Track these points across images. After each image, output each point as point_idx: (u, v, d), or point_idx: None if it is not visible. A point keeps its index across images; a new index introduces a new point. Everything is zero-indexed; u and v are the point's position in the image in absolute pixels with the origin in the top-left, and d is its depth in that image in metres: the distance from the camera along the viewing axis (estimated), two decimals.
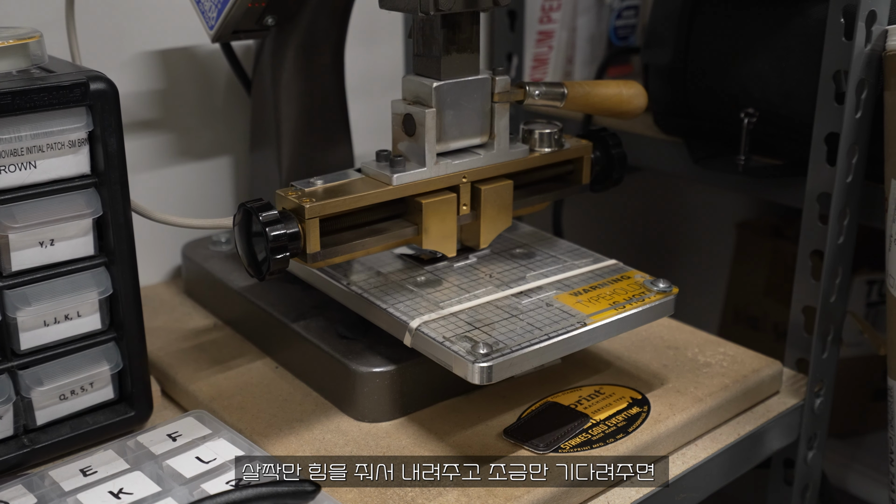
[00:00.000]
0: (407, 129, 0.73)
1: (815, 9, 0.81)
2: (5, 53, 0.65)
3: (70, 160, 0.66)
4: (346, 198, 0.69)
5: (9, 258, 0.65)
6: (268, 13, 0.80)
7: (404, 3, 0.69)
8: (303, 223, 0.67)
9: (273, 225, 0.65)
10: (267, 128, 0.86)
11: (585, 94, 0.79)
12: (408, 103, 0.73)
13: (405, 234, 0.73)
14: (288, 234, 0.66)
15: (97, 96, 0.65)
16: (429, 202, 0.73)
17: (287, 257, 0.66)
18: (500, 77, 0.74)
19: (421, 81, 0.72)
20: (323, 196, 0.69)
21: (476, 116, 0.75)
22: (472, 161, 0.75)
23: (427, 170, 0.72)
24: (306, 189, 0.70)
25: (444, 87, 0.72)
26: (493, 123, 0.75)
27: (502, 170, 0.76)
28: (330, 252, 0.69)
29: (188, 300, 0.93)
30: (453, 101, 0.72)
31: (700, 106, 0.94)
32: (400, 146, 0.75)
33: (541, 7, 1.18)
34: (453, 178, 0.74)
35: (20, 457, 0.67)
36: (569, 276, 0.76)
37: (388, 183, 0.71)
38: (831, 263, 0.79)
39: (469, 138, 0.75)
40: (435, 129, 0.72)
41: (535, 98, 0.76)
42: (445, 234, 0.74)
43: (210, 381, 0.78)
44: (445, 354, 0.66)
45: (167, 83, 0.94)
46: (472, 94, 0.73)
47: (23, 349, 0.67)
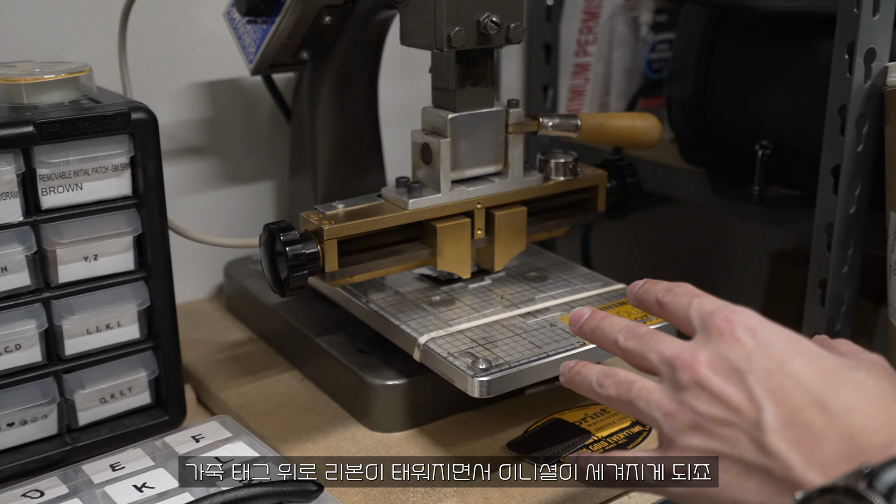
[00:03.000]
0: (424, 158, 0.78)
1: (824, 45, 0.84)
2: (58, 85, 0.72)
3: (113, 183, 0.72)
4: (363, 220, 0.74)
5: (56, 271, 0.71)
6: (303, 48, 0.86)
7: (421, 40, 0.74)
8: (322, 244, 0.72)
9: (293, 245, 0.70)
10: (304, 155, 0.92)
11: (599, 125, 0.83)
12: (425, 133, 0.78)
13: (421, 256, 0.78)
14: (307, 254, 0.71)
15: (138, 125, 0.71)
16: (443, 226, 0.77)
17: (306, 275, 0.71)
18: (513, 109, 0.79)
19: (438, 113, 0.77)
20: (342, 219, 0.74)
21: (490, 146, 0.79)
22: (487, 188, 0.79)
23: (442, 196, 0.77)
24: (328, 212, 0.75)
25: (459, 118, 0.76)
26: (507, 153, 0.80)
27: (516, 197, 0.81)
28: (348, 271, 0.74)
29: (228, 315, 0.99)
30: (468, 131, 0.77)
31: (719, 137, 0.97)
32: (418, 173, 0.79)
33: (577, 41, 1.22)
34: (468, 204, 0.78)
35: (62, 454, 0.73)
36: (576, 298, 0.80)
37: (405, 207, 0.76)
38: (835, 292, 0.81)
39: (484, 167, 0.79)
40: (450, 158, 0.77)
41: (548, 129, 0.81)
42: (460, 257, 0.79)
43: (240, 389, 0.83)
44: (449, 369, 0.70)
45: (214, 112, 1.00)
46: (486, 125, 0.78)
47: (67, 355, 0.73)
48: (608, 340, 0.57)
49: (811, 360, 0.47)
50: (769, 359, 0.48)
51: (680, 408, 0.50)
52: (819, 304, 0.83)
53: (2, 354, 0.70)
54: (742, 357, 0.48)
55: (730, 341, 0.49)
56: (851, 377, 0.47)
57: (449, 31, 0.71)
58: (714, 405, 0.48)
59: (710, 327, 0.50)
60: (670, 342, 0.52)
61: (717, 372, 0.48)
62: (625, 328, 0.56)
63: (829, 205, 0.81)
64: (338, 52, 0.86)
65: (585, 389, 0.57)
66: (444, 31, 0.71)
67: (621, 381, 0.54)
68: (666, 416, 0.51)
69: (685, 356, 0.50)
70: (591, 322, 0.59)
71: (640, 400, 0.52)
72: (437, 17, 0.71)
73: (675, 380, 0.50)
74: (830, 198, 0.81)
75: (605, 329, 0.57)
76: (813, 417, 0.46)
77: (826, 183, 0.81)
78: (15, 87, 0.70)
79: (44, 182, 0.69)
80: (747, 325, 0.49)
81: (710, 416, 0.49)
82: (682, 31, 0.98)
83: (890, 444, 0.44)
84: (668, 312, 0.55)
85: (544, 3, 1.16)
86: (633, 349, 0.54)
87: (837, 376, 0.47)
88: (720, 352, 0.49)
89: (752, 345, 0.48)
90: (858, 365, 0.49)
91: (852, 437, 0.45)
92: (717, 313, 0.50)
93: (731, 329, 0.49)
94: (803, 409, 0.46)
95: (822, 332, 0.83)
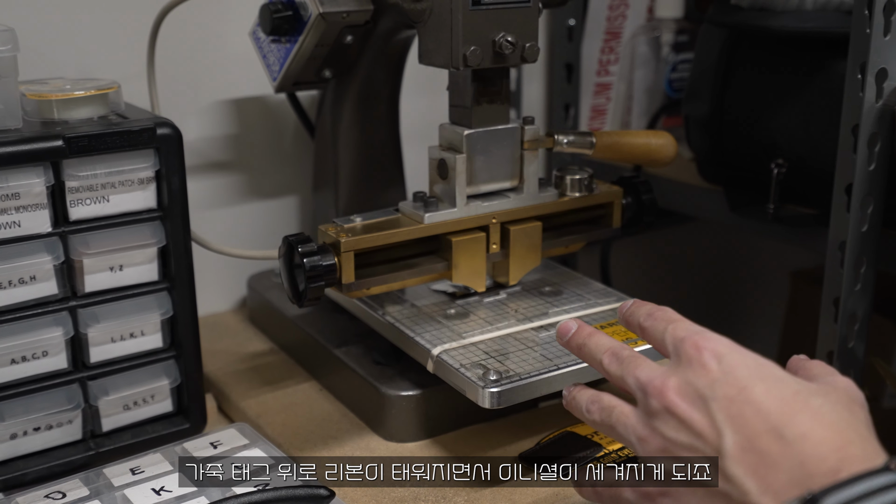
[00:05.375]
0: (441, 173, 0.80)
1: (837, 65, 0.85)
2: (87, 101, 0.75)
3: (138, 196, 0.75)
4: (379, 234, 0.76)
5: (83, 280, 0.74)
6: (325, 67, 0.88)
7: (439, 59, 0.76)
8: (339, 256, 0.74)
9: (310, 256, 0.72)
10: (326, 171, 0.94)
11: (613, 143, 0.84)
12: (442, 149, 0.80)
13: (436, 269, 0.79)
14: (324, 266, 0.73)
15: (163, 140, 0.74)
16: (458, 240, 0.79)
17: (322, 286, 0.73)
18: (529, 126, 0.81)
19: (454, 129, 0.79)
20: (359, 232, 0.76)
21: (506, 162, 0.81)
22: (502, 203, 0.81)
23: (457, 210, 0.79)
24: (345, 225, 0.77)
25: (475, 135, 0.78)
26: (522, 169, 0.81)
27: (531, 212, 0.82)
28: (364, 283, 0.76)
29: (251, 326, 1.01)
30: (483, 147, 0.79)
31: (736, 156, 0.98)
32: (435, 188, 0.81)
33: (598, 60, 1.24)
34: (483, 219, 0.80)
35: (86, 458, 0.76)
36: (589, 312, 0.81)
37: (421, 221, 0.78)
38: (848, 309, 0.82)
39: (499, 182, 0.81)
40: (465, 173, 0.78)
41: (563, 146, 0.82)
42: (474, 271, 0.80)
43: (259, 399, 0.85)
44: (460, 380, 0.72)
45: (240, 129, 1.03)
46: (502, 141, 0.80)
47: (92, 362, 0.76)
48: (594, 360, 0.60)
49: (771, 387, 0.49)
50: (731, 385, 0.49)
51: (651, 433, 0.52)
52: (833, 322, 0.84)
53: (29, 361, 0.73)
54: (707, 384, 0.50)
55: (697, 367, 0.51)
56: (809, 403, 0.48)
57: (465, 51, 0.73)
58: (681, 431, 0.50)
59: (680, 353, 0.53)
60: (646, 367, 0.54)
61: (684, 398, 0.51)
62: (609, 350, 0.58)
63: (842, 223, 0.81)
64: (360, 70, 0.88)
65: (578, 413, 0.60)
66: (460, 51, 0.73)
67: (604, 406, 0.57)
68: (640, 440, 0.53)
69: (656, 382, 0.52)
70: (577, 338, 0.62)
71: (618, 425, 0.55)
72: (453, 36, 0.73)
73: (647, 405, 0.53)
74: (843, 216, 0.81)
75: (591, 348, 0.60)
76: (769, 444, 0.47)
77: (840, 201, 0.82)
78: (46, 102, 0.73)
79: (72, 194, 0.72)
80: (715, 351, 0.51)
81: (676, 441, 0.51)
82: (699, 52, 1.00)
83: (838, 470, 0.45)
84: (649, 336, 0.58)
85: (566, 23, 1.18)
86: (615, 373, 0.57)
87: (796, 403, 0.48)
88: (688, 378, 0.51)
89: (717, 371, 0.50)
90: (819, 390, 0.50)
91: (803, 464, 0.46)
92: (688, 339, 0.53)
93: (698, 356, 0.51)
94: (760, 435, 0.47)
95: (836, 349, 0.83)
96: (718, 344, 0.52)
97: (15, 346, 0.71)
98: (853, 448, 0.46)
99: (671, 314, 0.57)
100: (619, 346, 0.58)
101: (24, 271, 0.71)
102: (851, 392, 0.52)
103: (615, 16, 1.22)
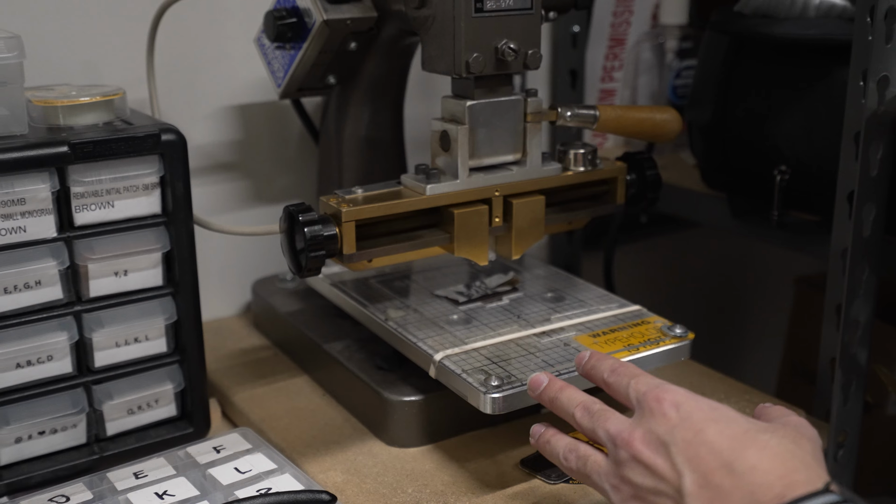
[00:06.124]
0: (443, 145, 0.79)
1: (841, 72, 0.85)
2: (92, 108, 0.75)
3: (143, 201, 0.75)
4: (380, 204, 0.74)
5: (87, 285, 0.74)
6: (330, 73, 0.89)
7: (441, 66, 0.76)
8: (340, 226, 0.73)
9: (311, 225, 0.72)
10: (331, 176, 0.94)
11: (618, 117, 0.82)
12: (444, 121, 0.79)
13: (438, 241, 0.78)
14: (325, 236, 0.72)
15: (168, 146, 0.74)
16: (460, 212, 0.77)
17: (323, 256, 0.72)
18: (532, 98, 0.80)
19: (456, 101, 0.78)
20: (360, 202, 0.74)
21: (509, 135, 0.79)
22: (505, 176, 0.79)
23: (460, 182, 0.77)
24: (347, 196, 0.76)
25: (477, 106, 0.77)
26: (525, 142, 0.80)
27: (534, 185, 0.81)
28: (365, 254, 0.75)
29: (255, 331, 1.01)
30: (486, 119, 0.78)
31: (739, 162, 0.98)
32: (437, 161, 0.80)
33: (602, 67, 1.24)
34: (486, 191, 0.79)
35: (90, 462, 0.76)
36: (591, 318, 0.81)
37: (423, 193, 0.77)
38: (851, 316, 0.82)
39: (502, 155, 0.80)
40: (468, 145, 0.77)
41: (566, 119, 0.81)
42: (476, 244, 0.78)
43: (262, 404, 0.86)
44: (462, 385, 0.72)
45: (245, 135, 1.04)
46: (505, 113, 0.78)
47: (97, 366, 0.76)
48: (566, 413, 0.65)
49: (723, 427, 0.54)
50: (689, 429, 0.54)
51: (622, 481, 0.57)
52: (835, 328, 0.84)
53: (34, 365, 0.73)
54: (667, 431, 0.55)
55: (658, 417, 0.56)
56: (757, 439, 0.53)
57: (467, 57, 0.73)
58: (647, 476, 0.55)
59: (643, 405, 0.58)
60: (615, 420, 0.59)
61: (648, 445, 0.56)
62: (581, 404, 0.63)
63: (844, 230, 0.82)
64: (364, 76, 0.89)
65: (553, 458, 0.65)
66: (462, 57, 0.73)
67: (580, 455, 0.62)
68: (613, 488, 0.58)
69: (624, 434, 0.57)
70: (549, 392, 0.67)
71: (593, 473, 0.60)
72: (456, 43, 0.73)
73: (617, 455, 0.58)
74: (846, 223, 0.81)
75: (562, 402, 0.65)
76: (722, 479, 0.52)
77: (842, 208, 0.82)
78: (52, 108, 0.74)
79: (77, 200, 0.72)
80: (673, 401, 0.56)
81: (644, 486, 0.56)
82: (703, 59, 1.00)
83: (783, 496, 0.50)
84: (613, 391, 0.63)
85: (570, 30, 1.18)
86: (587, 426, 0.62)
87: (745, 439, 0.53)
88: (650, 427, 0.56)
89: (675, 418, 0.55)
90: (768, 427, 0.55)
91: (753, 494, 0.51)
92: (649, 393, 0.58)
93: (659, 407, 0.57)
94: (714, 472, 0.52)
95: (838, 356, 0.83)
96: (676, 395, 0.57)
97: (20, 350, 0.72)
98: (797, 475, 0.51)
99: (632, 369, 0.62)
100: (589, 401, 0.63)
101: (29, 276, 0.71)
102: (801, 428, 0.57)
103: (619, 22, 1.23)
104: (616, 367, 0.63)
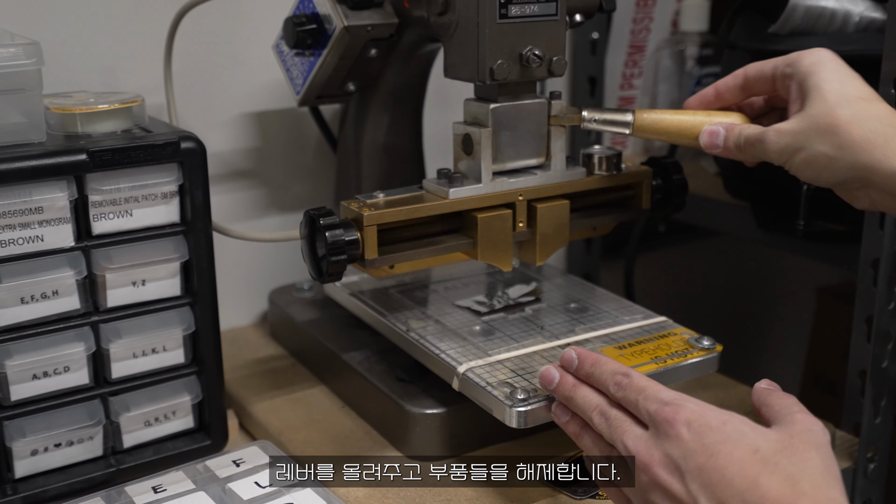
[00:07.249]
0: (465, 149, 0.78)
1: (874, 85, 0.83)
2: (111, 115, 0.74)
3: (162, 210, 0.74)
4: (402, 209, 0.73)
5: (105, 295, 0.73)
6: (349, 80, 0.88)
7: (465, 73, 0.75)
8: (361, 230, 0.71)
9: (332, 230, 0.70)
10: (349, 184, 0.93)
11: (657, 121, 0.77)
12: (467, 124, 0.78)
13: (461, 246, 0.76)
14: (346, 240, 0.70)
15: (187, 154, 0.73)
16: (484, 217, 0.76)
17: (344, 261, 0.71)
18: (556, 101, 0.78)
19: (479, 104, 0.76)
20: (382, 207, 0.73)
21: (532, 138, 0.78)
22: (528, 180, 0.78)
23: (483, 186, 0.76)
24: (368, 200, 0.74)
25: (501, 108, 0.76)
26: (549, 145, 0.79)
27: (558, 190, 0.79)
28: (387, 259, 0.73)
29: (272, 342, 1.00)
30: (509, 122, 0.76)
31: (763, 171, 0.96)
32: (459, 165, 0.79)
33: (622, 74, 1.23)
34: (509, 196, 0.77)
35: (106, 475, 0.75)
36: (616, 330, 0.80)
37: (445, 197, 0.75)
38: (881, 328, 0.80)
39: (525, 159, 0.78)
40: (491, 148, 0.76)
41: (591, 123, 0.78)
42: (500, 249, 0.77)
43: (281, 415, 0.84)
44: (487, 398, 0.71)
45: (263, 142, 1.03)
46: (528, 116, 0.77)
47: (114, 378, 0.75)
48: (583, 413, 0.65)
49: (734, 449, 0.55)
50: (701, 453, 0.56)
51: None
52: (865, 341, 0.82)
53: (51, 376, 0.72)
54: (681, 455, 0.57)
55: (672, 439, 0.58)
56: (768, 462, 0.55)
57: (492, 64, 0.72)
58: (666, 500, 0.58)
59: (656, 426, 0.59)
60: (632, 435, 0.61)
61: (665, 469, 0.58)
62: (597, 409, 0.64)
63: (875, 240, 0.80)
64: (383, 83, 0.87)
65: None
66: (487, 64, 0.72)
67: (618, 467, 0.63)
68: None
69: (643, 457, 0.59)
70: (562, 390, 0.67)
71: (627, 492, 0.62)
72: (480, 49, 0.72)
73: (638, 478, 0.60)
74: (877, 233, 0.80)
75: (578, 402, 0.66)
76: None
77: (872, 218, 0.80)
78: (70, 116, 0.73)
79: (95, 208, 0.71)
80: (685, 420, 0.58)
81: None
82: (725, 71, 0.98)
83: None
84: (623, 405, 0.63)
85: (590, 37, 1.17)
86: (605, 433, 0.63)
87: (756, 464, 0.55)
88: (666, 451, 0.58)
89: (688, 439, 0.57)
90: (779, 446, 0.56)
91: None
92: (659, 413, 0.59)
93: (672, 429, 0.58)
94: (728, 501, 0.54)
95: (869, 369, 0.82)
96: (685, 412, 0.58)
97: (36, 361, 0.71)
98: (805, 500, 0.53)
99: (636, 382, 0.62)
100: (605, 405, 0.64)
101: (46, 286, 0.70)
102: (811, 434, 0.57)
103: (639, 29, 1.21)
104: (619, 381, 0.63)
